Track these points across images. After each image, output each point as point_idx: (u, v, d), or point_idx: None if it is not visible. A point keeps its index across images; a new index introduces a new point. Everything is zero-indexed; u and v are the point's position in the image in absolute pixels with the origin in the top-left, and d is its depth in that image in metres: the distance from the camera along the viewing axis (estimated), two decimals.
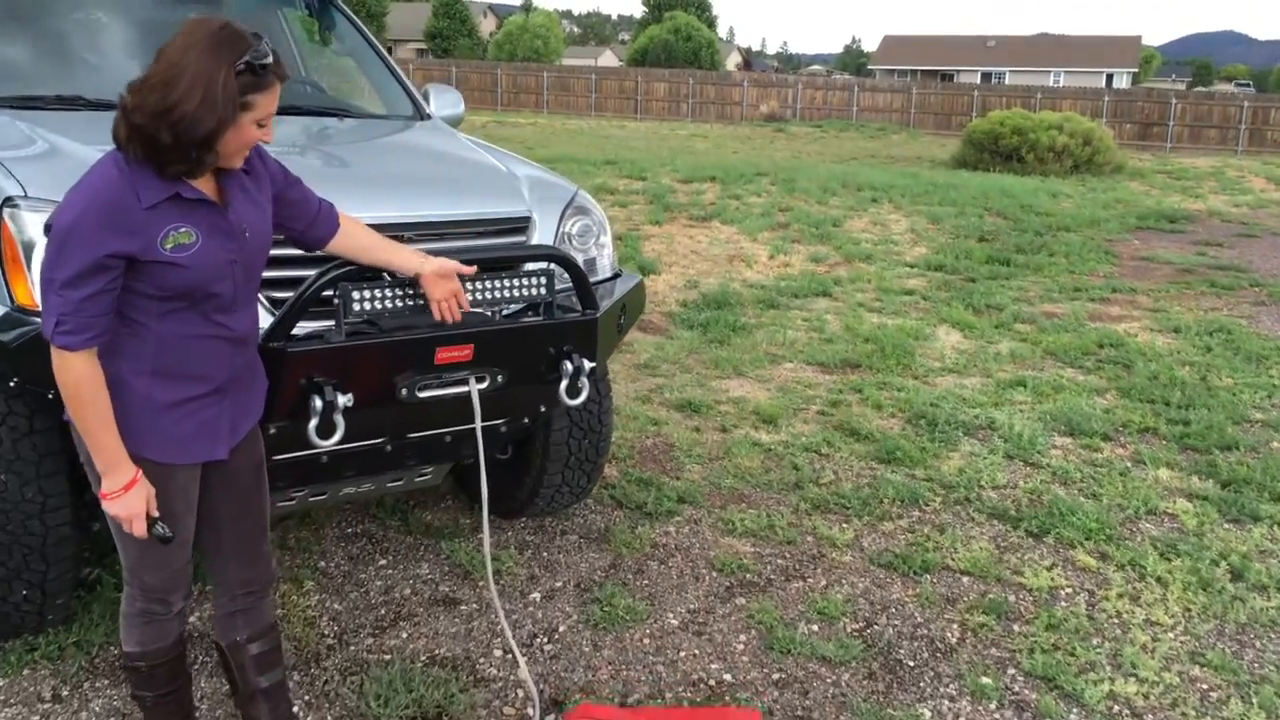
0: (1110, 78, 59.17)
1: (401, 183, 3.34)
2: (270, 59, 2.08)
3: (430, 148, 3.91)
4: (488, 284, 2.88)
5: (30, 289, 2.67)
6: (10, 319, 2.66)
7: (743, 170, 16.40)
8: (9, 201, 2.73)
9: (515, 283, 2.94)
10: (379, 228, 3.00)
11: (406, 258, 2.61)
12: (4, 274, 2.71)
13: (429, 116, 4.37)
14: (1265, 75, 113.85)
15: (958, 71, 63.37)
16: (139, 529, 2.20)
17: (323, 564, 3.77)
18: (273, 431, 2.76)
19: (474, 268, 2.74)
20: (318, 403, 2.67)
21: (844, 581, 3.77)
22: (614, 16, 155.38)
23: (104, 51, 4.01)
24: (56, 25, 3.99)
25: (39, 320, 2.64)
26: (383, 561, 3.81)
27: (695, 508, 4.36)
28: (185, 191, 2.12)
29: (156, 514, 2.23)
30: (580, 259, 3.45)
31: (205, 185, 2.19)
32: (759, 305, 8.24)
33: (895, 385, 6.14)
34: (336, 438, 2.71)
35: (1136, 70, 62.73)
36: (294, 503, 3.36)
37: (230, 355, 2.28)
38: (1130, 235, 12.72)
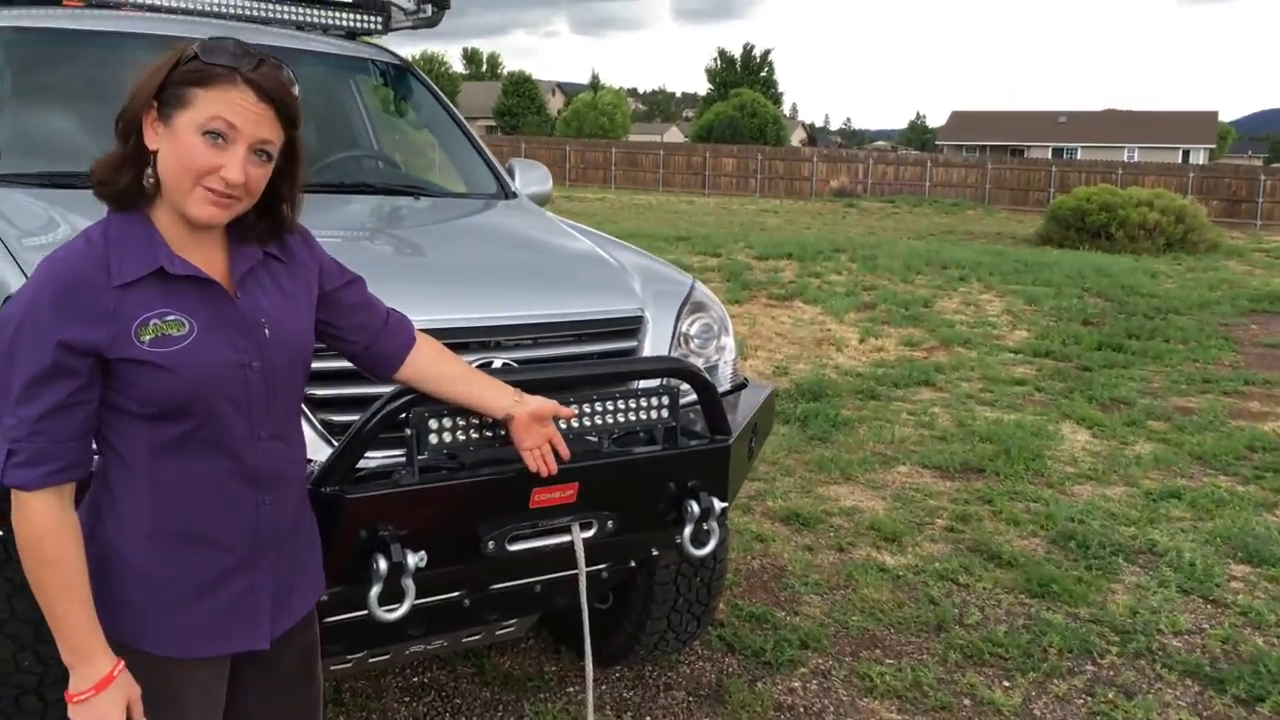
0: (1187, 153, 57.93)
1: (489, 275, 2.77)
2: (229, 58, 1.54)
3: (521, 232, 3.35)
4: (596, 405, 2.28)
5: None
6: None
7: (819, 247, 15.79)
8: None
9: (629, 404, 2.32)
10: (463, 331, 2.44)
11: (495, 396, 2.02)
12: None
13: (515, 195, 3.83)
14: None
15: (1027, 147, 62.57)
16: None
17: None
18: (324, 598, 2.16)
19: (573, 410, 2.16)
20: (382, 564, 2.06)
21: None
22: (678, 94, 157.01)
23: None
24: (91, 97, 3.53)
25: None
26: None
27: (822, 655, 3.66)
28: (173, 265, 1.56)
29: None
30: (700, 365, 2.85)
31: (211, 264, 1.63)
32: (858, 396, 7.56)
33: (1029, 495, 5.40)
34: (406, 607, 2.10)
35: (1214, 146, 61.39)
36: (349, 665, 2.74)
37: (255, 504, 1.67)
38: (1245, 319, 11.83)
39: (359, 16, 4.16)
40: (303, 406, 2.16)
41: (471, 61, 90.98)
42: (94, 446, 1.61)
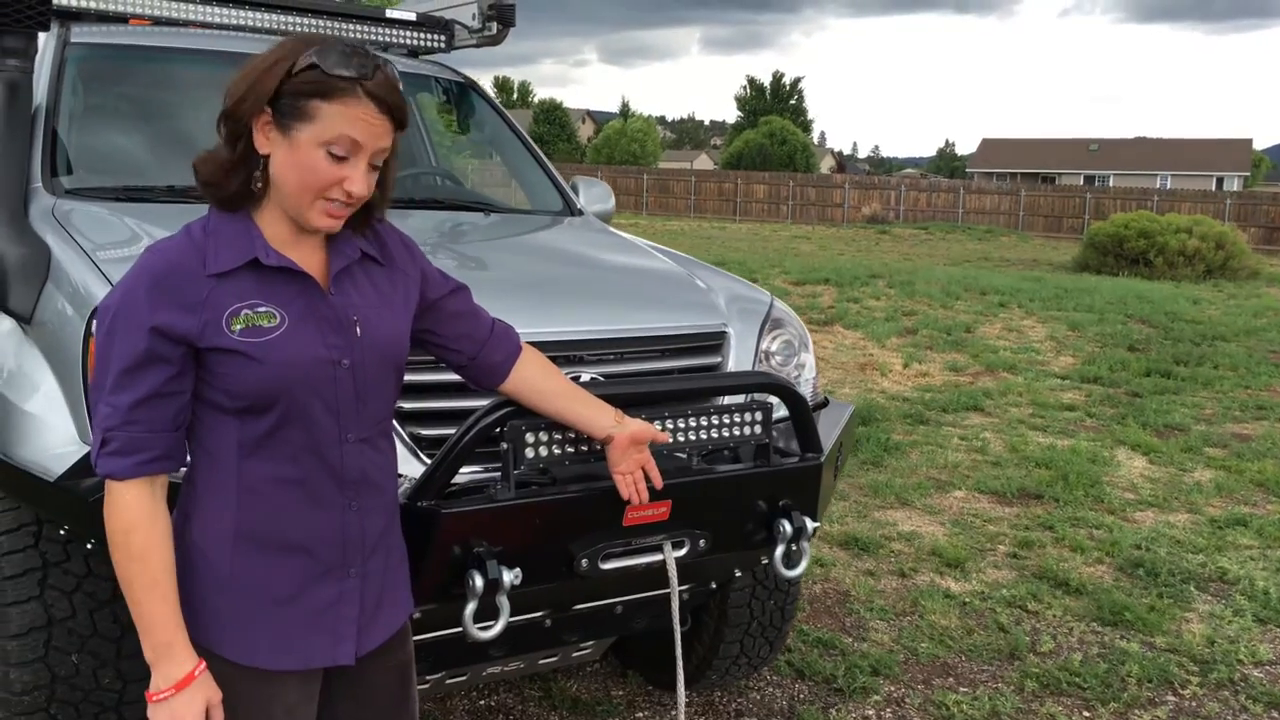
0: (1220, 181, 57.44)
1: (568, 290, 2.74)
2: (350, 66, 1.51)
3: (594, 248, 3.31)
4: (690, 421, 2.23)
5: None
6: (91, 463, 2.07)
7: (856, 272, 15.70)
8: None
9: (722, 419, 2.27)
10: (547, 345, 2.38)
11: (598, 415, 1.97)
12: (88, 403, 2.14)
13: (581, 212, 3.80)
14: None
15: (1058, 175, 62.23)
16: None
17: None
18: (417, 616, 2.11)
19: (668, 436, 2.11)
20: (478, 581, 2.01)
21: None
22: (707, 122, 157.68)
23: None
24: (169, 113, 3.54)
25: None
26: None
27: (894, 683, 3.58)
28: (267, 257, 1.56)
29: None
30: None
31: (309, 261, 1.61)
32: (907, 420, 7.46)
33: (1090, 521, 5.29)
34: (500, 625, 2.05)
35: (1248, 174, 60.85)
36: (427, 686, 2.69)
37: (342, 508, 1.64)
38: None
39: (422, 35, 4.16)
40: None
41: (503, 90, 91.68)
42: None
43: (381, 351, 1.66)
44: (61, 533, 2.27)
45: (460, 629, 2.07)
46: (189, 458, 1.61)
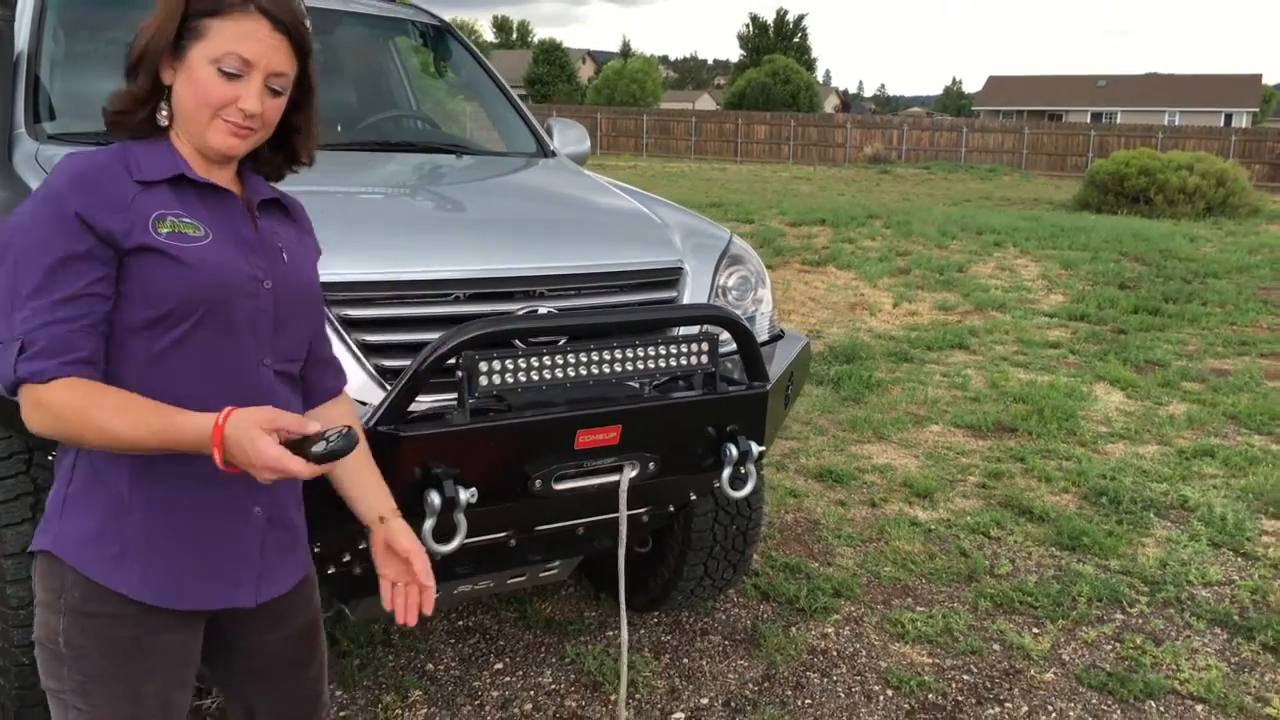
0: (1229, 117, 56.85)
1: (532, 227, 2.85)
2: None
3: (560, 188, 3.43)
4: (639, 350, 2.37)
5: None
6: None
7: (853, 213, 15.73)
8: None
9: (669, 349, 2.41)
10: (507, 280, 2.53)
11: (372, 502, 1.74)
12: None
13: (554, 154, 3.90)
14: None
15: (1066, 112, 61.62)
16: (293, 466, 1.39)
17: (430, 666, 3.26)
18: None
19: (421, 564, 1.73)
20: (435, 499, 2.16)
21: (1050, 708, 3.12)
22: (710, 61, 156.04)
23: None
24: None
25: None
26: (499, 665, 3.28)
27: (854, 603, 3.75)
28: (191, 172, 1.55)
29: (318, 429, 1.42)
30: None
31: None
32: (891, 358, 7.60)
33: (1061, 453, 5.45)
34: (458, 541, 2.21)
35: (1258, 110, 60.17)
36: None
37: None
38: None
39: None
40: (356, 352, 2.28)
41: (501, 29, 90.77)
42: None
43: (302, 284, 1.65)
44: (50, 458, 2.41)
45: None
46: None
